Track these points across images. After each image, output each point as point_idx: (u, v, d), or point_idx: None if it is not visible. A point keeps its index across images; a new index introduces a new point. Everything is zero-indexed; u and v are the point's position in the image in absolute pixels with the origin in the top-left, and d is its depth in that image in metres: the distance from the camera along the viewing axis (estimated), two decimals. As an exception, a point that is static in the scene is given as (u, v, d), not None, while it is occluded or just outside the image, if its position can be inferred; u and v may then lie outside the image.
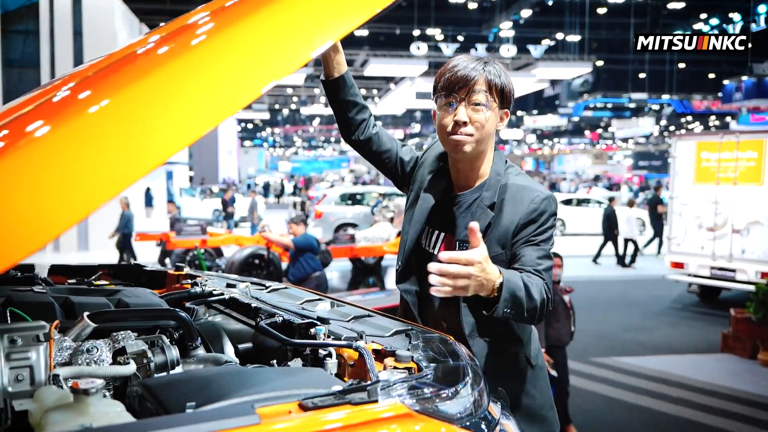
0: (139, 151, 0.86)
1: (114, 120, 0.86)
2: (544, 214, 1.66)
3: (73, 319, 1.37)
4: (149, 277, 2.21)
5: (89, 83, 0.97)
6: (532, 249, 1.63)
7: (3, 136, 0.89)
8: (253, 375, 1.06)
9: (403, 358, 1.21)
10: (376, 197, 15.35)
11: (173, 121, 0.89)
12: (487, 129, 1.70)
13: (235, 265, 8.44)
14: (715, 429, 4.89)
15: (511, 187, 1.72)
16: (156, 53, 1.00)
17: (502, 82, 1.72)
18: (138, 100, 0.89)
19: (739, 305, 7.30)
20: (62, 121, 0.87)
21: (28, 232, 0.79)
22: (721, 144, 9.12)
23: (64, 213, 0.80)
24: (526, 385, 1.77)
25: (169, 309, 1.42)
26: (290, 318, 1.48)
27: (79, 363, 1.14)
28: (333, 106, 1.87)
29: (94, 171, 0.83)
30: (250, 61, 0.96)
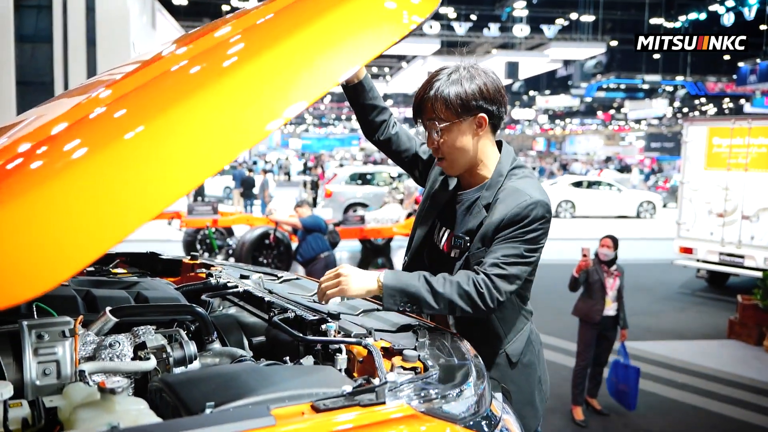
0: (179, 172, 0.90)
1: (154, 141, 0.92)
2: (526, 218, 1.66)
3: (95, 312, 1.43)
4: (165, 265, 2.27)
5: (125, 102, 1.01)
6: (503, 247, 1.66)
7: (44, 154, 0.93)
8: (268, 374, 1.11)
9: (410, 357, 1.26)
10: (387, 177, 15.37)
11: (209, 143, 0.94)
12: (454, 147, 1.73)
13: (246, 246, 8.52)
14: (720, 415, 4.94)
15: (508, 188, 1.74)
16: (189, 73, 1.04)
17: (447, 96, 1.69)
18: (180, 123, 0.94)
19: (746, 292, 7.32)
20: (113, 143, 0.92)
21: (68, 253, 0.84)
22: (732, 130, 9.05)
23: (103, 235, 0.85)
24: (504, 381, 1.78)
25: (187, 305, 1.48)
26: (302, 314, 1.54)
27: (102, 358, 1.21)
28: (353, 109, 1.94)
29: (137, 191, 0.89)
30: (282, 84, 1.00)
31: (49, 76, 10.70)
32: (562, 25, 23.95)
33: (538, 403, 1.88)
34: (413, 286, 1.58)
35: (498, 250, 1.66)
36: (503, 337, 1.80)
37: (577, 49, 22.61)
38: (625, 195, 19.33)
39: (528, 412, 1.84)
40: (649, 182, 26.53)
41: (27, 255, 0.83)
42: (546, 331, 6.94)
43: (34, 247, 0.83)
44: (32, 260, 0.83)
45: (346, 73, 1.05)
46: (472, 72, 1.72)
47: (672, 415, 4.94)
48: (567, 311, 7.14)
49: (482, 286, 1.60)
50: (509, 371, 1.81)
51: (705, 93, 32.45)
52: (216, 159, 0.93)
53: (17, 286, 0.82)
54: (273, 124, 0.97)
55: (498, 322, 1.79)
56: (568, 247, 13.72)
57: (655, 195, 20.66)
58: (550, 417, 4.83)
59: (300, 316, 1.52)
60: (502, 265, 1.63)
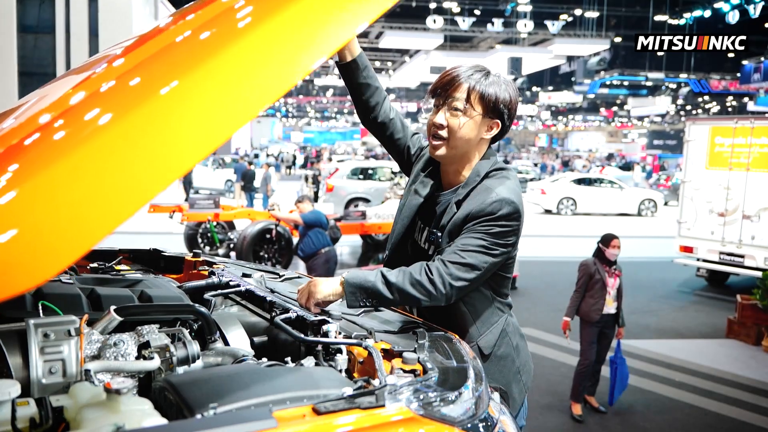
0: (205, 130, 0.95)
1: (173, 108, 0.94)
2: (491, 214, 1.69)
3: (100, 311, 1.45)
4: (167, 262, 2.29)
5: (144, 66, 1.04)
6: (464, 237, 1.70)
7: (62, 126, 0.95)
8: (270, 375, 1.13)
9: (409, 360, 1.28)
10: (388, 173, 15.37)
11: (232, 100, 0.98)
12: (461, 134, 1.75)
13: (247, 240, 8.54)
14: (717, 415, 4.96)
15: (479, 187, 1.77)
16: (208, 33, 1.08)
17: (485, 91, 1.74)
18: (202, 83, 0.97)
19: (746, 291, 7.34)
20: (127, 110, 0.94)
21: (94, 221, 0.87)
22: (735, 129, 9.05)
23: (130, 197, 0.89)
24: None
25: (190, 305, 1.49)
26: (303, 314, 1.56)
27: (107, 356, 1.23)
28: (348, 88, 1.93)
29: (160, 156, 0.92)
30: (300, 37, 1.03)
31: (52, 66, 10.70)
32: (566, 21, 23.89)
33: (516, 394, 1.89)
34: (369, 281, 1.63)
35: (459, 240, 1.70)
36: (474, 329, 1.83)
37: (580, 45, 22.57)
38: (626, 193, 19.32)
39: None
40: (650, 180, 26.49)
41: (63, 220, 0.86)
42: (545, 328, 6.97)
43: (70, 212, 0.86)
44: (67, 224, 0.86)
45: (362, 25, 1.09)
46: (507, 82, 1.81)
47: (669, 414, 4.96)
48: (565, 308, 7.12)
49: (433, 273, 1.64)
50: (483, 365, 1.81)
51: (708, 91, 32.39)
52: (240, 115, 0.97)
53: (57, 249, 0.85)
54: (286, 84, 1.01)
55: (469, 315, 1.82)
56: (569, 244, 13.78)
57: (656, 193, 20.63)
58: (547, 414, 4.86)
59: (301, 316, 1.54)
60: (458, 252, 1.67)
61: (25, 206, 0.85)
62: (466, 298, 1.76)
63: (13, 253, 0.81)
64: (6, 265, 0.81)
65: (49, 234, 0.84)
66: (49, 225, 0.85)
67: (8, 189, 0.85)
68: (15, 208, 0.83)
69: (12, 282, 0.81)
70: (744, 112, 31.37)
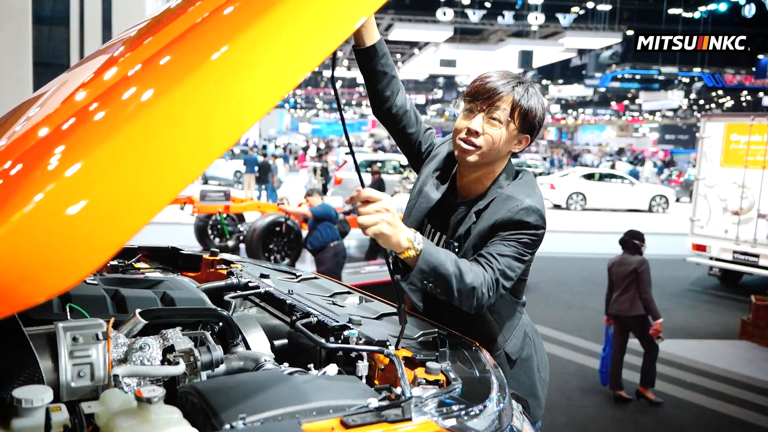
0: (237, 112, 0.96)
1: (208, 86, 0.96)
2: (518, 223, 1.65)
3: (124, 313, 1.47)
4: (185, 260, 2.31)
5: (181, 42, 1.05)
6: (497, 245, 1.64)
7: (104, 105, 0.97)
8: (295, 383, 1.14)
9: (432, 370, 1.28)
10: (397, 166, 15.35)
11: (273, 72, 1.00)
12: (497, 146, 1.71)
13: (257, 232, 8.57)
14: (731, 418, 4.91)
15: (500, 195, 1.73)
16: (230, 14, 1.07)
17: (528, 106, 1.72)
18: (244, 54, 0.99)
19: (760, 291, 7.26)
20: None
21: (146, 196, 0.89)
22: (751, 126, 8.93)
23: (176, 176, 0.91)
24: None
25: (213, 309, 1.51)
26: (324, 319, 1.56)
27: (133, 360, 1.24)
28: (363, 75, 1.85)
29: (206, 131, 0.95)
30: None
31: (66, 58, 10.74)
32: (578, 14, 23.67)
33: (540, 392, 1.89)
34: (447, 268, 1.49)
35: (491, 248, 1.64)
36: (501, 336, 1.81)
37: (592, 38, 22.34)
38: (637, 188, 19.16)
39: (532, 403, 1.86)
40: (662, 176, 26.30)
41: (117, 196, 0.88)
42: (554, 325, 6.95)
43: (119, 191, 0.88)
44: (120, 201, 0.87)
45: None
46: (540, 94, 1.78)
47: (681, 416, 4.93)
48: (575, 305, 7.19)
49: (491, 284, 1.58)
50: (509, 370, 1.80)
51: (722, 85, 32.06)
52: (282, 86, 0.99)
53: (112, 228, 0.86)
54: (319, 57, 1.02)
55: (495, 323, 1.80)
56: (578, 239, 13.70)
57: (668, 189, 20.46)
58: (554, 412, 4.82)
59: (322, 321, 1.55)
60: (500, 262, 1.61)
61: (85, 183, 0.86)
62: (491, 305, 1.70)
63: (79, 232, 0.83)
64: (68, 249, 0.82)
65: (101, 214, 0.86)
66: (101, 206, 0.86)
67: (70, 163, 0.86)
68: (77, 186, 0.85)
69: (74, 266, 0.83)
70: (759, 108, 31.04)
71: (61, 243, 0.82)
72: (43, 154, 0.90)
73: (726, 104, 39.84)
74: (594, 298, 8.28)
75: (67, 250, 0.83)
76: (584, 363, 5.93)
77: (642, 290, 4.98)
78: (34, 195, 0.82)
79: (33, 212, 0.81)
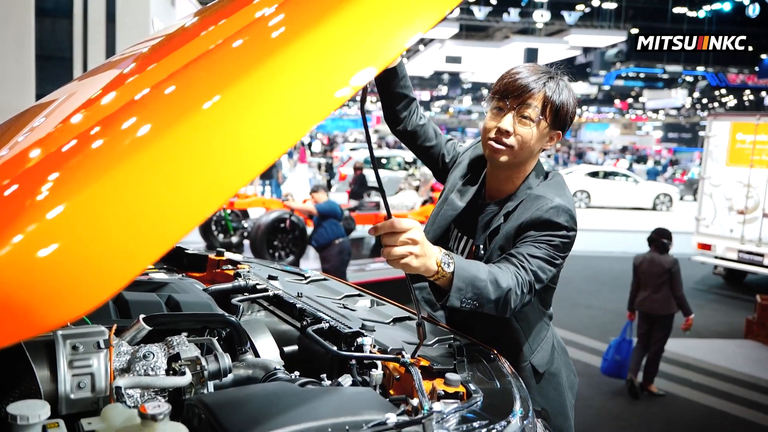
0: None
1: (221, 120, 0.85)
2: (547, 222, 1.59)
3: (127, 318, 1.40)
4: (190, 260, 2.24)
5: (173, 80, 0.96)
6: (528, 247, 1.57)
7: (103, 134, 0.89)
8: (308, 397, 1.07)
9: (452, 382, 1.22)
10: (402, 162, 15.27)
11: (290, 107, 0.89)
12: (528, 145, 1.65)
13: (261, 229, 8.50)
14: (735, 417, 4.88)
15: (530, 195, 1.68)
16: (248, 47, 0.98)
17: (561, 102, 1.65)
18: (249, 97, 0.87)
19: (765, 291, 7.22)
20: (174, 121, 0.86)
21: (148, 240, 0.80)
22: (757, 126, 8.89)
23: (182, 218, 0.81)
24: (530, 394, 1.69)
25: (220, 314, 1.44)
26: (336, 325, 1.50)
27: (136, 370, 1.18)
28: (381, 96, 1.82)
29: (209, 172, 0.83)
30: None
31: (68, 51, 10.67)
32: (583, 12, 23.54)
33: (569, 411, 1.82)
34: (482, 279, 1.41)
35: (523, 248, 1.57)
36: (527, 346, 1.74)
37: (597, 36, 22.25)
38: (641, 186, 19.13)
39: (561, 423, 1.78)
40: (666, 174, 26.22)
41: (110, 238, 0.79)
42: (560, 324, 6.88)
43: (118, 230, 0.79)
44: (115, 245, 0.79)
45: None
46: (570, 88, 1.71)
47: (686, 416, 4.88)
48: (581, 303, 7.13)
49: (525, 283, 1.51)
50: (535, 384, 1.73)
51: (726, 84, 31.94)
52: (301, 127, 0.88)
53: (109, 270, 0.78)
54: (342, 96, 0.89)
55: (522, 331, 1.73)
56: (583, 237, 13.57)
57: (671, 187, 20.46)
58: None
59: (334, 327, 1.49)
60: (532, 263, 1.54)
61: (71, 221, 0.78)
62: (519, 313, 1.62)
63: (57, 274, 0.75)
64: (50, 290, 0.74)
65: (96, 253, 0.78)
66: (96, 242, 0.78)
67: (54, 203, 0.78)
68: (62, 222, 0.77)
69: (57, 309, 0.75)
70: (761, 107, 30.96)
71: (44, 283, 0.75)
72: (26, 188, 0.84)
73: (729, 103, 39.70)
74: (599, 296, 8.23)
75: (48, 291, 0.75)
76: (590, 362, 5.87)
77: (676, 289, 5.10)
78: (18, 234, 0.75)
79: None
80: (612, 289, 8.10)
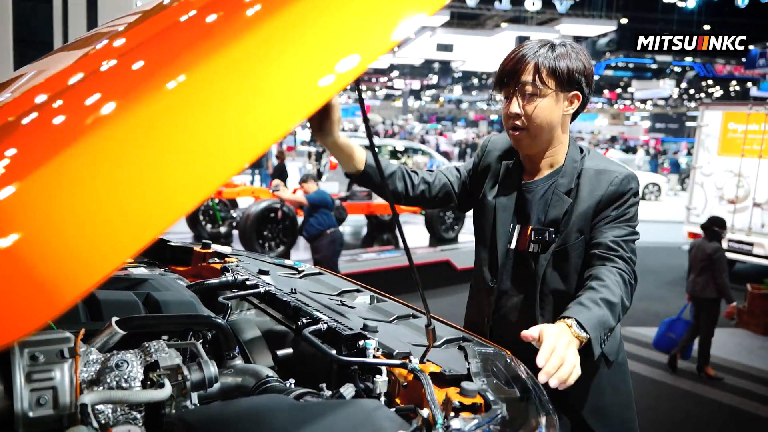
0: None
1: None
2: (624, 194, 1.60)
3: (98, 320, 1.24)
4: (174, 253, 2.07)
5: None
6: (612, 229, 1.58)
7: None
8: (307, 414, 0.93)
9: (469, 392, 1.07)
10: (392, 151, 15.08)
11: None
12: (542, 119, 1.60)
13: (251, 219, 8.30)
14: (725, 405, 4.86)
15: (588, 171, 1.64)
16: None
17: (556, 64, 1.59)
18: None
19: (752, 279, 7.24)
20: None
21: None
22: (749, 115, 8.87)
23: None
24: (600, 384, 1.67)
25: (204, 316, 1.29)
26: (335, 325, 1.35)
27: (107, 382, 1.01)
28: (371, 189, 1.79)
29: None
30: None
31: (49, 35, 10.38)
32: (575, 1, 23.41)
33: (634, 405, 1.78)
34: (604, 317, 1.38)
35: (608, 233, 1.57)
36: None
37: (588, 25, 22.18)
38: (631, 176, 19.19)
39: (629, 416, 1.74)
40: (658, 163, 26.34)
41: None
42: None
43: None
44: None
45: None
46: (576, 49, 1.65)
47: (680, 406, 4.84)
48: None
49: (630, 274, 1.52)
50: (606, 371, 1.68)
51: (713, 75, 32.06)
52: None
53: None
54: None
55: None
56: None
57: (660, 177, 20.56)
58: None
59: (333, 328, 1.34)
60: (624, 247, 1.55)
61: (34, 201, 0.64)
62: None
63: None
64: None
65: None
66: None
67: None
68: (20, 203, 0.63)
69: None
70: (747, 98, 31.13)
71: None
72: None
73: (715, 94, 39.90)
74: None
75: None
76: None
77: (717, 275, 5.25)
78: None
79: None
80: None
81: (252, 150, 0.71)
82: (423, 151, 15.58)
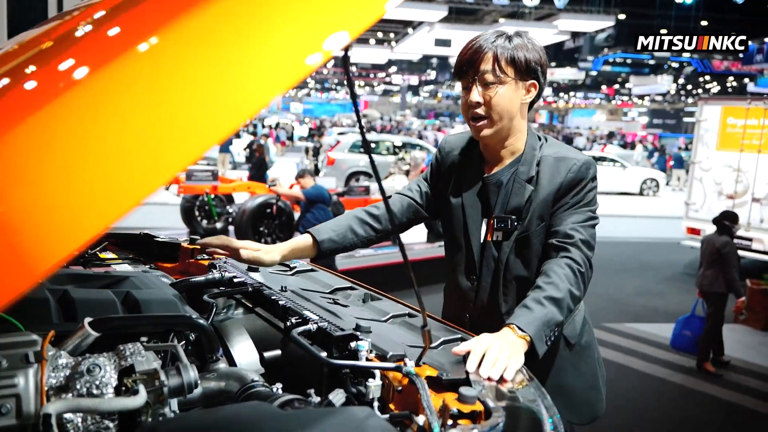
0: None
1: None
2: (582, 180, 1.64)
3: (72, 320, 1.16)
4: (160, 249, 2.00)
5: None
6: (571, 215, 1.62)
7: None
8: (293, 425, 0.85)
9: (467, 398, 1.00)
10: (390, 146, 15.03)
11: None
12: (503, 106, 1.64)
13: (247, 214, 8.23)
14: (725, 401, 4.80)
15: (547, 158, 1.68)
16: None
17: (514, 54, 1.63)
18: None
19: (752, 275, 7.20)
20: None
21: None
22: (748, 110, 8.83)
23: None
24: (563, 366, 1.74)
25: (185, 316, 1.21)
26: (326, 326, 1.27)
27: (77, 388, 0.93)
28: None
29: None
30: None
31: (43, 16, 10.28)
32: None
33: (601, 384, 1.83)
34: (545, 313, 1.42)
35: (566, 219, 1.61)
36: None
37: (586, 21, 22.11)
38: (628, 172, 19.18)
39: (593, 396, 1.79)
40: (652, 159, 26.30)
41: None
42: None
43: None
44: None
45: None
46: (532, 41, 1.70)
47: (679, 403, 4.77)
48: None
49: (580, 263, 1.54)
50: (566, 353, 1.74)
51: (711, 70, 32.02)
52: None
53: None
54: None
55: None
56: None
57: (658, 172, 20.58)
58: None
59: (323, 329, 1.26)
60: (581, 232, 1.59)
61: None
62: None
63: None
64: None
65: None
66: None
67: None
68: None
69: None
70: (744, 93, 31.13)
71: None
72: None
73: (712, 89, 39.93)
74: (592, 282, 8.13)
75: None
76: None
77: (726, 270, 5.22)
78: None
79: None
80: (600, 275, 7.98)
81: (237, 116, 0.67)
82: (421, 146, 15.53)
